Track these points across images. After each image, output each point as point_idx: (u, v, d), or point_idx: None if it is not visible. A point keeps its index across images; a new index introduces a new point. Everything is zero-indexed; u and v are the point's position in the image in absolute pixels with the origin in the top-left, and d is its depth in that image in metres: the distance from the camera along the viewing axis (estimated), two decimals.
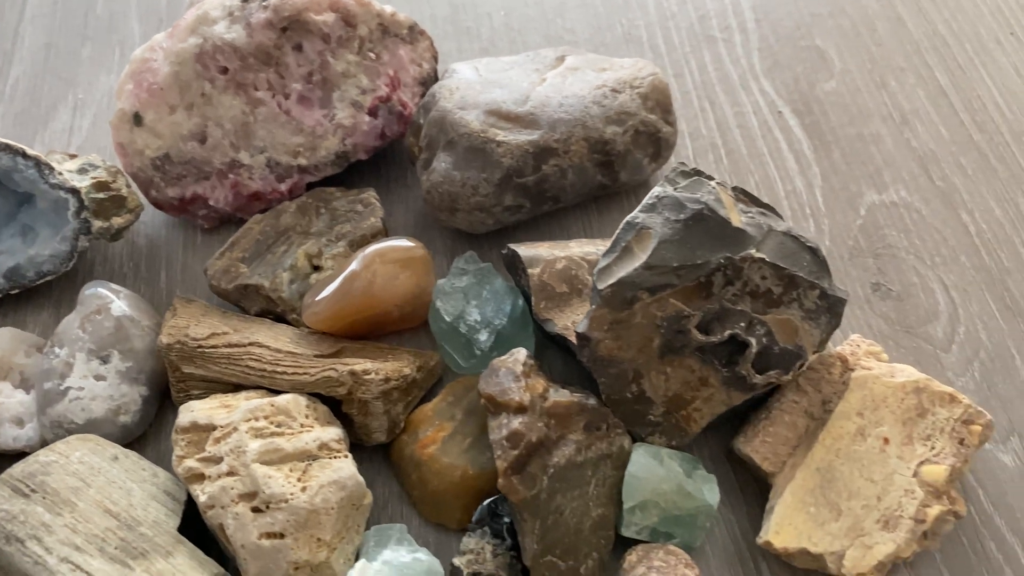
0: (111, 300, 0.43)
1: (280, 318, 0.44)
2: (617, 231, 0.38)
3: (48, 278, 0.46)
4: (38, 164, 0.44)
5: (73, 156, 0.48)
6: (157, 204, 0.48)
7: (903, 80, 0.55)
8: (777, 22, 0.58)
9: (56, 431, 0.41)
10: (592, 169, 0.46)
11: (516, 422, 0.37)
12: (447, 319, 0.43)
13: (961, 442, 0.38)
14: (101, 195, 0.45)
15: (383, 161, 0.51)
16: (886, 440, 0.38)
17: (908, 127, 0.53)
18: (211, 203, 0.48)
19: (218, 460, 0.37)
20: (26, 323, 0.47)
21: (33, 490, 0.37)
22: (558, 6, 0.59)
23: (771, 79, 0.56)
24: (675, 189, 0.38)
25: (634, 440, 0.40)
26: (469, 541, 0.38)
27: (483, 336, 0.42)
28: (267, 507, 0.36)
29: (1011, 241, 0.49)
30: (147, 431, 0.43)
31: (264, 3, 0.44)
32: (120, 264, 0.49)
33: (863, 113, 0.54)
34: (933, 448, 0.38)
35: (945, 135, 0.53)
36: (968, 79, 0.55)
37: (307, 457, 0.38)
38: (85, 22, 0.59)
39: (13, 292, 0.46)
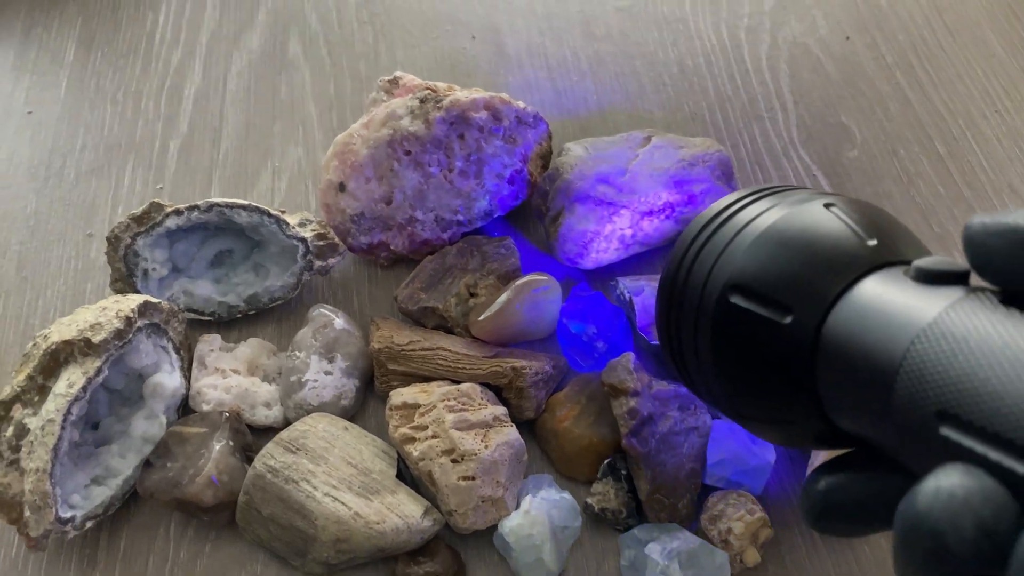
0: (333, 318, 0.60)
1: (449, 331, 0.61)
2: None
3: (278, 303, 0.63)
4: (278, 221, 0.61)
5: (283, 212, 0.65)
6: (351, 248, 0.65)
7: (909, 149, 0.71)
8: (811, 103, 0.75)
9: (298, 411, 0.58)
10: (676, 221, 0.62)
11: (633, 402, 0.53)
12: (572, 331, 0.59)
13: None
14: (320, 242, 0.62)
15: (511, 216, 0.68)
16: None
17: (913, 186, 0.69)
18: (391, 247, 0.65)
19: (424, 428, 0.54)
20: (259, 336, 0.64)
21: (298, 449, 0.54)
22: (639, 92, 0.76)
23: (807, 149, 0.72)
24: None
25: (713, 418, 0.55)
26: (598, 486, 0.54)
27: (599, 344, 0.59)
28: (462, 459, 0.52)
29: None
30: (356, 412, 0.60)
31: (438, 104, 0.62)
32: (322, 293, 0.66)
33: (878, 175, 0.70)
34: None
35: (942, 192, 0.69)
36: (960, 148, 0.71)
37: (485, 426, 0.54)
38: (273, 104, 0.77)
39: (251, 313, 0.63)
